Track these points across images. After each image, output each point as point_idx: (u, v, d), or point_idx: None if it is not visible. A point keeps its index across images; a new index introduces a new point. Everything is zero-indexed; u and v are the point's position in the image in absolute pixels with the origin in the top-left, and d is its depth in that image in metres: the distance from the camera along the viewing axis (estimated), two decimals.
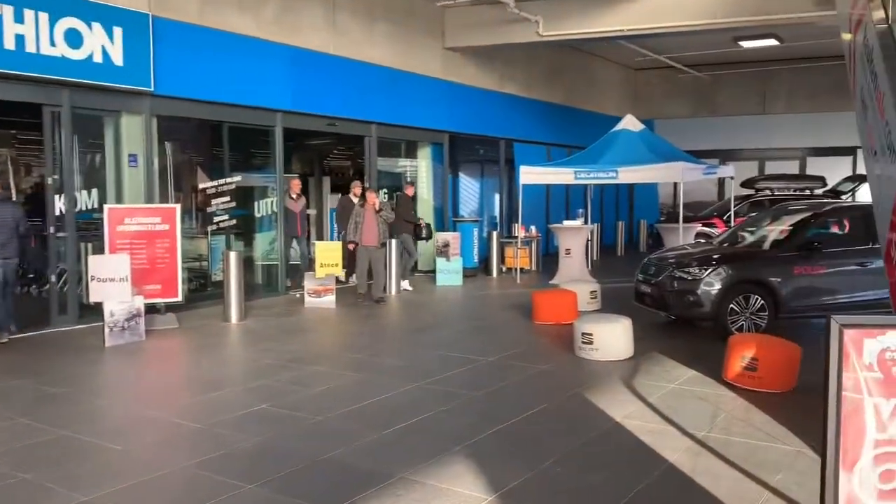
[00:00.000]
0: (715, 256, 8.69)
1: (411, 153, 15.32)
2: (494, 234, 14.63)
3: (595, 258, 16.54)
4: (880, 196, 6.52)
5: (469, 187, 17.41)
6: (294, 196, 12.31)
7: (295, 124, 12.08)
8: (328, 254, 11.11)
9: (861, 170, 20.49)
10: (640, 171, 12.47)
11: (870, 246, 8.47)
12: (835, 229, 8.94)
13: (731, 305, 8.27)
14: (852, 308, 8.50)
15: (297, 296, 11.54)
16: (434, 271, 13.69)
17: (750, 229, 9.85)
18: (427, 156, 15.47)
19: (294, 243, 12.37)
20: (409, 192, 13.29)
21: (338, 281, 11.37)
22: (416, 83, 14.27)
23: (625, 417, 5.58)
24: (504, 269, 14.87)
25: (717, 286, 8.29)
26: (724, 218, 16.44)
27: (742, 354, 6.35)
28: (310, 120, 12.33)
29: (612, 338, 7.43)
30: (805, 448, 4.89)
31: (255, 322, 9.65)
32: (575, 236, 13.27)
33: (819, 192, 17.04)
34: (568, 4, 13.75)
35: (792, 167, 22.37)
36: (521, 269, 14.12)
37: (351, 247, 11.32)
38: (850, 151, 21.55)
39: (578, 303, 9.69)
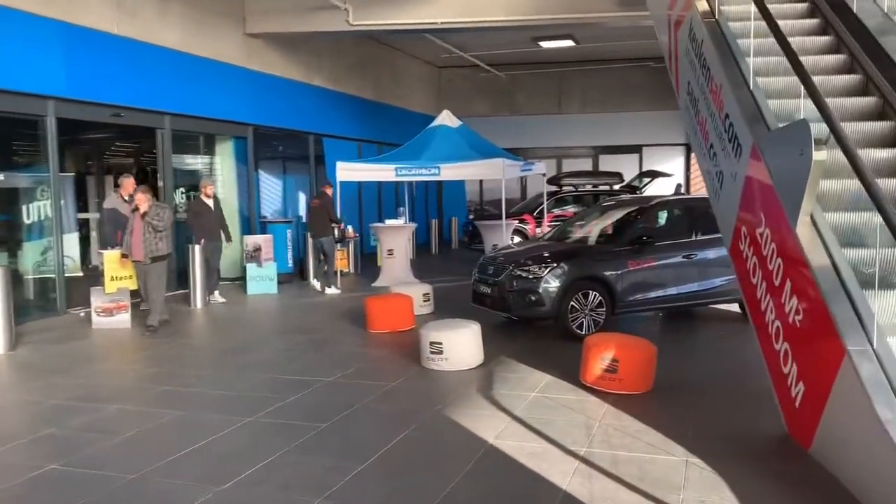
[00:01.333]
0: (553, 254, 8.47)
1: (211, 148, 13.86)
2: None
3: (412, 257, 16.06)
4: (722, 192, 6.54)
5: (276, 186, 16.20)
6: (127, 198, 9.95)
7: (72, 114, 10.25)
8: (119, 265, 9.58)
9: (647, 166, 21.97)
10: (462, 168, 12.15)
11: (694, 238, 8.72)
12: (661, 223, 9.10)
13: (571, 303, 8.08)
14: (682, 300, 8.69)
15: (83, 315, 9.84)
16: (243, 279, 12.44)
17: (578, 224, 9.82)
18: (229, 151, 14.07)
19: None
20: (329, 190, 12.31)
21: (133, 296, 9.79)
22: (216, 71, 12.89)
23: (497, 437, 5.01)
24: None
25: (558, 284, 8.05)
26: (535, 214, 16.72)
27: (601, 356, 6.07)
28: (90, 109, 10.55)
29: (463, 345, 6.89)
30: (691, 456, 4.61)
31: (31, 351, 7.96)
32: (397, 236, 12.68)
33: (616, 187, 17.90)
34: None
35: (586, 164, 23.48)
36: (341, 272, 13.26)
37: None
38: (636, 149, 23.07)
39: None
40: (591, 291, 8.13)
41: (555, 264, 8.17)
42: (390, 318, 8.68)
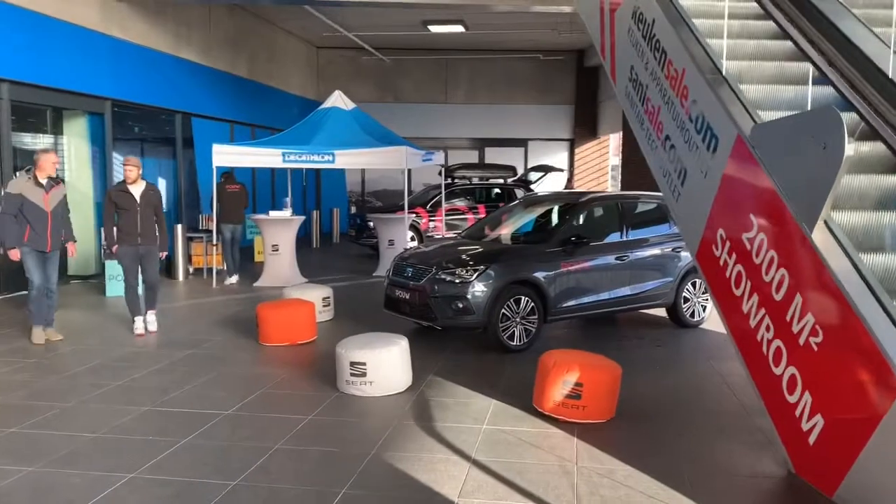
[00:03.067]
0: (480, 255, 7.50)
1: (60, 125, 11.83)
2: (179, 227, 11.92)
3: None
4: (685, 190, 5.80)
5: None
6: (43, 181, 7.30)
7: None
8: None
9: (532, 161, 21.59)
10: (360, 156, 10.96)
11: (626, 238, 8.08)
12: (593, 221, 8.37)
13: (503, 310, 7.17)
14: (615, 305, 8.01)
15: None
16: (99, 277, 10.65)
17: (498, 221, 8.94)
18: (82, 129, 12.08)
19: (40, 267, 7.38)
20: None
21: None
22: (68, 34, 10.95)
23: (462, 495, 3.99)
24: (192, 270, 12.27)
25: (488, 289, 7.10)
26: (427, 207, 15.76)
27: (563, 379, 5.18)
28: None
29: (390, 366, 5.79)
30: None
31: None
32: (283, 230, 11.31)
33: (510, 181, 17.28)
34: None
35: (472, 157, 22.81)
36: (216, 271, 11.70)
37: None
38: (522, 143, 22.67)
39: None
40: (522, 297, 7.26)
41: (483, 267, 7.21)
42: (288, 329, 7.41)
